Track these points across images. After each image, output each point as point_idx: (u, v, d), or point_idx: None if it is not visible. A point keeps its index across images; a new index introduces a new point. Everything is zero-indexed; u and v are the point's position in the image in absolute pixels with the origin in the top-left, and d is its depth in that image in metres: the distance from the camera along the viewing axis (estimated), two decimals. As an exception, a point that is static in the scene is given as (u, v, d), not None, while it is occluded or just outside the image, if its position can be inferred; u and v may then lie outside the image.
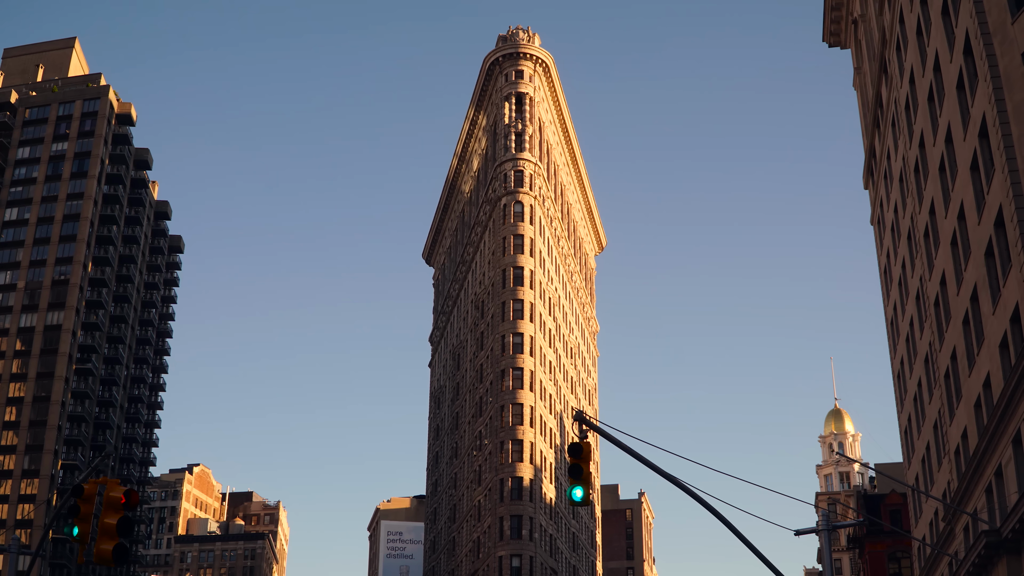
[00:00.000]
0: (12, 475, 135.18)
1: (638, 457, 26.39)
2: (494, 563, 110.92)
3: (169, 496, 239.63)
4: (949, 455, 52.24)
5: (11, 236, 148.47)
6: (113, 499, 27.70)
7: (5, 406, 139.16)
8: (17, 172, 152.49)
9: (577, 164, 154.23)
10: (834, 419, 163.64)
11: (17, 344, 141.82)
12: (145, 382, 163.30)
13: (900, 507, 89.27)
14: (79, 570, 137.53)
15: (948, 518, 52.42)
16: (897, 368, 69.31)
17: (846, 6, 76.73)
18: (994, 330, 40.99)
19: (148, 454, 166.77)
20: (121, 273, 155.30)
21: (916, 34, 51.99)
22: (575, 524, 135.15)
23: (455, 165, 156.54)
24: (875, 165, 72.44)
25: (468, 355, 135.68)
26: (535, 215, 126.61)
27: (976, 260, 43.13)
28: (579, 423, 26.68)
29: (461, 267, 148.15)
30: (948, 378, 51.46)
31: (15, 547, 34.97)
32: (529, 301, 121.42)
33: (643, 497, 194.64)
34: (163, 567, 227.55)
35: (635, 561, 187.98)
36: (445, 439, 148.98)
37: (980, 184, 41.76)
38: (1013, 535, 38.21)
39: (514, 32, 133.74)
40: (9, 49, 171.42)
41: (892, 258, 67.74)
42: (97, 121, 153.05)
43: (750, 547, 27.02)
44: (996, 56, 38.39)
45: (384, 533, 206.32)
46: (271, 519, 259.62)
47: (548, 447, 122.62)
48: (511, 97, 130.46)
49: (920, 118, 53.07)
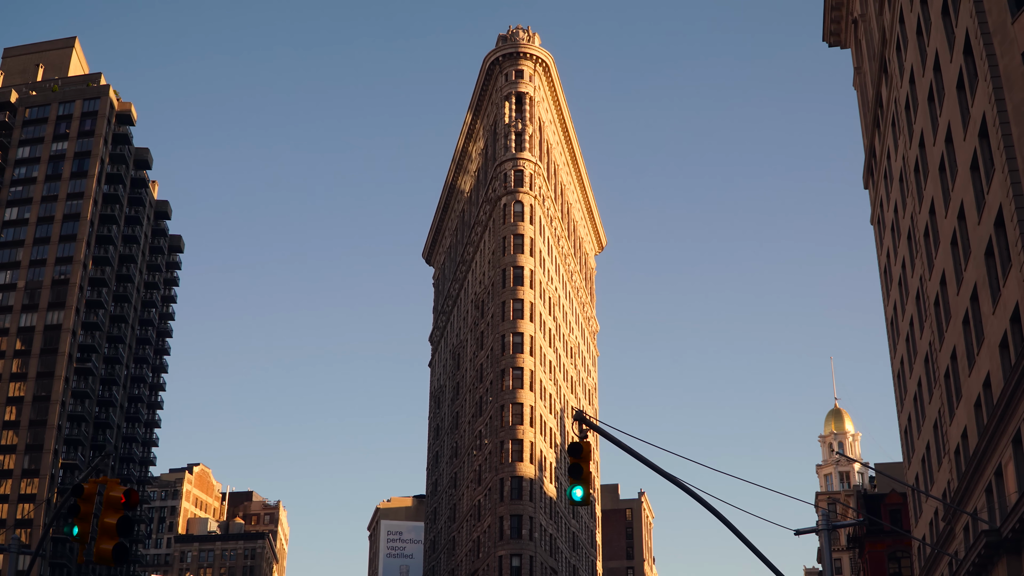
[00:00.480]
0: (12, 474, 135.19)
1: (638, 457, 26.40)
2: (494, 563, 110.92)
3: (169, 496, 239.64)
4: (949, 455, 52.24)
5: (11, 235, 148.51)
6: (113, 498, 27.70)
7: (5, 405, 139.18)
8: (17, 171, 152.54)
9: (577, 164, 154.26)
10: (834, 419, 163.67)
11: (17, 343, 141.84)
12: (145, 381, 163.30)
13: (900, 507, 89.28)
14: (79, 569, 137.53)
15: (948, 518, 52.41)
16: (897, 368, 69.30)
17: (846, 6, 76.71)
18: (994, 330, 40.98)
19: (148, 454, 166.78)
20: (121, 273, 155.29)
21: (916, 34, 51.98)
22: (575, 524, 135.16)
23: (455, 165, 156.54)
24: (875, 165, 72.43)
25: (468, 355, 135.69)
26: (535, 215, 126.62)
27: (976, 260, 43.13)
28: (579, 423, 26.68)
29: (461, 267, 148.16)
30: (948, 378, 51.45)
31: (15, 546, 34.98)
32: (529, 301, 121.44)
33: (643, 497, 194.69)
34: (163, 567, 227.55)
35: (635, 561, 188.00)
36: (445, 439, 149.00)
37: (980, 184, 41.76)
38: (1013, 535, 38.20)
39: (514, 32, 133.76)
40: (9, 49, 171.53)
41: (892, 258, 67.74)
42: (97, 121, 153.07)
43: (750, 547, 27.03)
44: (996, 56, 38.39)
45: (384, 533, 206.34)
46: (271, 519, 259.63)
47: (548, 447, 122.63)
48: (511, 97, 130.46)
49: (920, 118, 53.06)
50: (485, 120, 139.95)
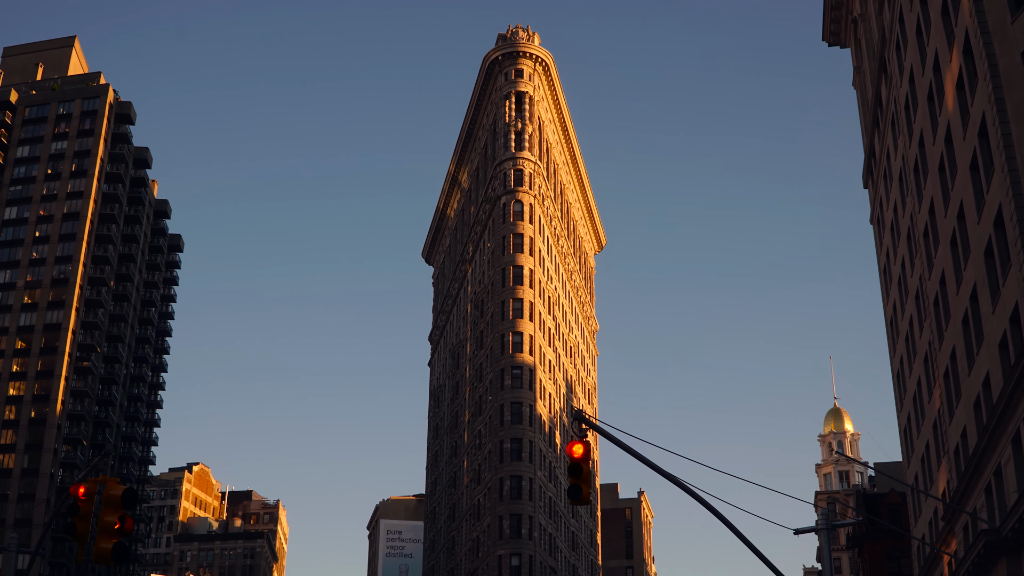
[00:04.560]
0: (12, 474, 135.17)
1: (637, 456, 26.39)
2: (493, 562, 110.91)
3: (168, 495, 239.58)
4: (949, 454, 52.23)
5: (11, 235, 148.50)
6: (112, 498, 27.70)
7: (5, 405, 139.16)
8: (17, 171, 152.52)
9: (577, 163, 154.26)
10: (834, 418, 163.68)
11: (17, 342, 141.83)
12: (144, 381, 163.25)
13: (899, 506, 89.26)
14: (78, 569, 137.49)
15: (948, 517, 52.41)
16: (897, 367, 69.31)
17: (846, 5, 76.71)
18: (993, 329, 40.98)
19: (147, 453, 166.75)
20: (120, 272, 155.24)
21: (916, 33, 51.98)
22: (574, 523, 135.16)
23: (455, 164, 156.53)
24: (875, 164, 72.43)
25: (467, 354, 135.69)
26: (535, 214, 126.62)
27: (976, 259, 43.13)
28: (578, 422, 26.68)
29: (461, 266, 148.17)
30: (948, 377, 51.44)
31: (14, 546, 34.98)
32: (528, 300, 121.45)
33: (643, 496, 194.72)
34: (162, 566, 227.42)
35: (635, 560, 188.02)
36: (444, 438, 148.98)
37: (980, 183, 41.76)
38: (1013, 534, 38.19)
39: (514, 31, 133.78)
40: (9, 48, 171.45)
41: (892, 257, 67.74)
42: (97, 120, 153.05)
43: (749, 546, 27.03)
44: (996, 55, 38.38)
45: (383, 532, 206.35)
46: (270, 518, 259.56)
47: (547, 446, 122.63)
48: (511, 96, 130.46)
49: (920, 117, 53.06)
50: (485, 119, 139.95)
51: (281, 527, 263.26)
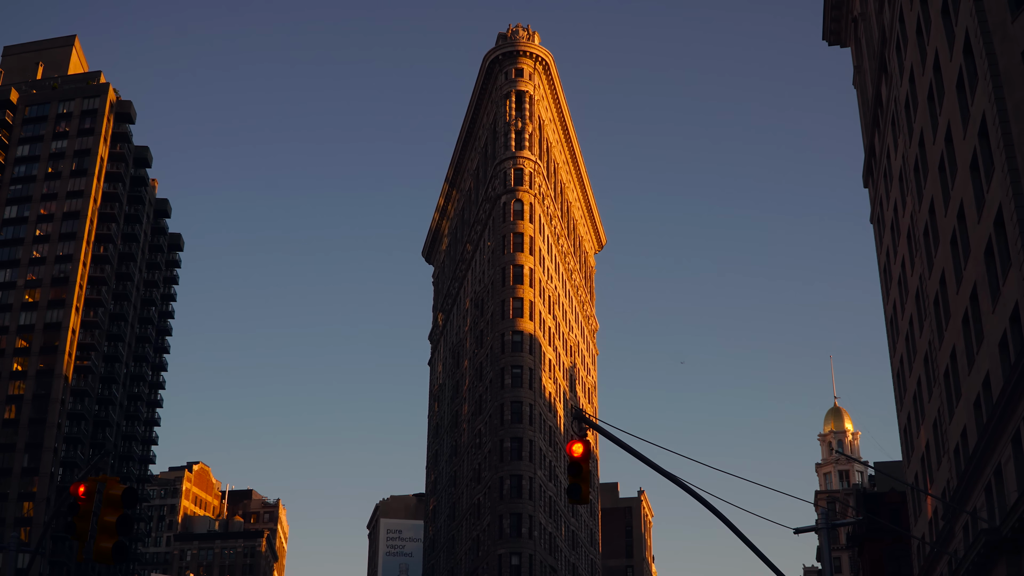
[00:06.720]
0: (12, 473, 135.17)
1: (637, 455, 26.40)
2: (493, 561, 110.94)
3: (168, 494, 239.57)
4: (949, 454, 52.24)
5: (11, 234, 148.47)
6: (112, 497, 27.70)
7: (5, 404, 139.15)
8: (17, 170, 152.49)
9: (577, 162, 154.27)
10: (834, 417, 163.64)
11: (17, 342, 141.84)
12: (145, 380, 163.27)
13: (900, 506, 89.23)
14: (78, 568, 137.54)
15: (948, 517, 52.43)
16: (897, 367, 69.31)
17: (846, 5, 76.71)
18: (994, 329, 40.99)
19: (147, 452, 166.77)
20: (121, 271, 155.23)
21: (916, 33, 51.98)
22: (574, 522, 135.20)
23: (455, 163, 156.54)
24: (875, 163, 72.44)
25: (468, 353, 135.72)
26: (535, 213, 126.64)
27: (976, 259, 43.13)
28: (578, 421, 26.69)
29: (461, 265, 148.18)
30: (948, 377, 51.45)
31: (14, 545, 34.99)
32: (529, 299, 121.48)
33: (643, 495, 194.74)
34: (162, 565, 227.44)
35: (635, 559, 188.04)
36: (445, 437, 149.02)
37: (980, 183, 41.76)
38: (1013, 534, 38.19)
39: (514, 30, 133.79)
40: (9, 47, 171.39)
41: (892, 257, 67.74)
42: (97, 119, 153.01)
43: (749, 545, 27.04)
44: (996, 55, 38.38)
45: (383, 531, 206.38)
46: (270, 517, 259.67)
47: (547, 445, 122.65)
48: (511, 95, 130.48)
49: (920, 117, 53.06)
50: (485, 118, 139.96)
51: (281, 526, 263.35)
